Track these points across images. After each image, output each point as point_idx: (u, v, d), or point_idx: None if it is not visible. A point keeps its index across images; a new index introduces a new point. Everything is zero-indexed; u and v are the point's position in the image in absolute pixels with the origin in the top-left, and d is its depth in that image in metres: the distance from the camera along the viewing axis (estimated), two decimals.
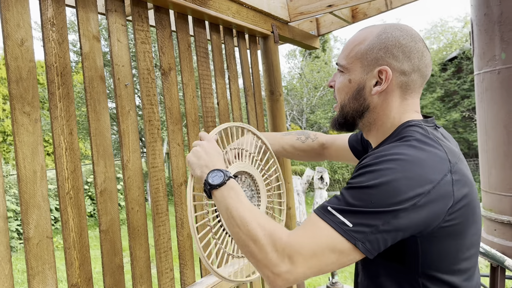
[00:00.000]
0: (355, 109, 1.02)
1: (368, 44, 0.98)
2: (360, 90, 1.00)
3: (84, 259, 1.34)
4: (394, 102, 0.98)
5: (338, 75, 1.05)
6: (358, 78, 1.00)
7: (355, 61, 1.00)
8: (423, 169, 0.83)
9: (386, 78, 0.96)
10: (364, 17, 2.87)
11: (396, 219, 0.80)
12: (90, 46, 1.42)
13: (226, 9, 2.05)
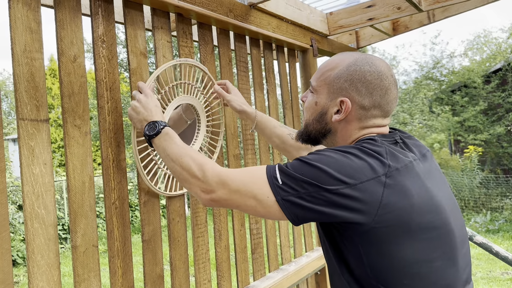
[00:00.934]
0: (317, 130, 1.09)
1: (337, 73, 1.03)
2: (323, 114, 1.06)
3: (127, 268, 1.38)
4: (353, 130, 1.04)
5: (309, 94, 1.11)
6: (323, 102, 1.06)
7: (323, 86, 1.06)
8: (355, 169, 0.89)
9: (345, 109, 1.02)
10: (406, 30, 2.82)
11: (317, 195, 0.88)
12: (137, 62, 1.48)
13: (267, 24, 2.08)
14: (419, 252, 0.90)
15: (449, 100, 11.90)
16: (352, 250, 0.92)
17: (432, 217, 0.92)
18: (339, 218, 0.89)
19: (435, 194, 0.94)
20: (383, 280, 0.90)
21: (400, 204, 0.88)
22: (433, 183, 0.97)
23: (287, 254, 2.27)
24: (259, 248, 2.04)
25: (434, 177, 1.00)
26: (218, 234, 1.79)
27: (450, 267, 0.94)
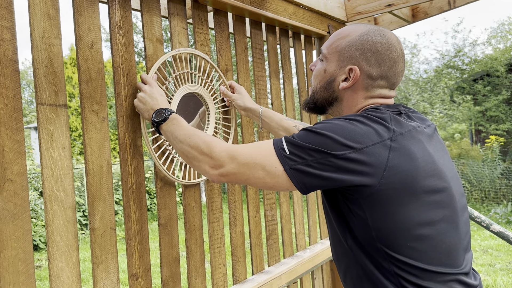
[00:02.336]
0: (324, 98, 1.10)
1: (349, 41, 1.05)
2: (331, 82, 1.08)
3: (143, 251, 1.41)
4: (359, 99, 1.06)
5: (319, 62, 1.12)
6: (332, 70, 1.07)
7: (334, 53, 1.07)
8: (361, 135, 0.91)
9: (353, 77, 1.03)
10: (425, 16, 2.76)
11: (325, 161, 0.90)
12: (153, 49, 1.49)
13: (283, 11, 2.06)
14: (422, 214, 0.92)
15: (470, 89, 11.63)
16: (358, 214, 0.94)
17: (435, 180, 0.94)
18: (346, 182, 0.90)
19: (437, 160, 0.97)
20: (387, 242, 0.92)
21: (405, 167, 0.91)
22: (435, 150, 1.00)
23: (302, 241, 2.27)
24: (274, 235, 2.06)
25: (436, 145, 1.02)
26: (233, 220, 1.81)
27: (452, 230, 0.96)
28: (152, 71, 1.43)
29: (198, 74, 1.61)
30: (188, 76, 1.57)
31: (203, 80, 1.63)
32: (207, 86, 1.65)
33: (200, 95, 1.62)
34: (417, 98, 12.44)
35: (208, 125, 1.65)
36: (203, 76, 1.64)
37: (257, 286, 1.80)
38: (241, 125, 1.89)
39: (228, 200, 1.80)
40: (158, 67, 1.47)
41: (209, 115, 1.66)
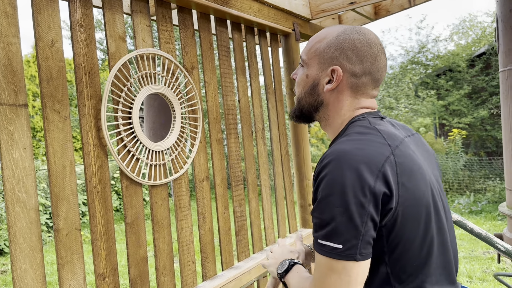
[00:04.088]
0: (310, 103, 1.07)
1: (327, 43, 1.03)
2: (315, 86, 1.05)
3: (110, 250, 1.40)
4: (345, 101, 1.04)
5: (300, 68, 1.10)
6: (314, 74, 1.05)
7: (314, 57, 1.05)
8: (364, 156, 0.88)
9: (337, 77, 1.02)
10: (387, 13, 2.84)
11: (365, 206, 0.85)
12: (116, 46, 1.48)
13: (248, 8, 2.08)
14: (421, 231, 0.93)
15: (434, 84, 12.02)
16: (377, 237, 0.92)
17: (427, 197, 0.94)
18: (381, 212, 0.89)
19: (429, 173, 0.97)
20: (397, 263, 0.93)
21: (409, 184, 0.90)
22: (424, 161, 1.00)
23: (271, 236, 2.31)
24: (243, 230, 2.08)
25: (423, 155, 1.03)
26: (202, 217, 1.82)
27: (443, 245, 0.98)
28: (111, 76, 1.40)
29: (162, 74, 1.60)
30: (152, 76, 1.57)
31: (167, 80, 1.63)
32: (171, 86, 1.65)
33: (165, 95, 1.62)
34: (383, 93, 12.74)
35: (174, 125, 1.65)
36: (167, 76, 1.64)
37: (227, 281, 1.82)
38: (208, 123, 1.90)
39: (196, 197, 1.81)
40: (120, 67, 1.45)
41: (174, 115, 1.66)
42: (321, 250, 0.88)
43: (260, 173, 2.29)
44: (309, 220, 2.62)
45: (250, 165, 2.19)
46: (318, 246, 0.89)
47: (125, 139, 1.47)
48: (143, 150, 1.53)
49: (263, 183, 2.29)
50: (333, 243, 0.86)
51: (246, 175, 2.19)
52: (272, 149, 2.43)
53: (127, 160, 1.48)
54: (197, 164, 1.81)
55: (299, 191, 2.66)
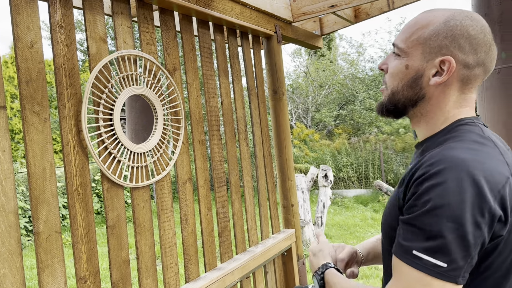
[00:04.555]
0: (408, 97, 0.95)
1: (433, 30, 0.91)
2: (417, 79, 0.93)
3: (91, 253, 1.39)
4: (451, 96, 0.92)
5: (393, 58, 0.98)
6: (416, 65, 0.93)
7: (416, 46, 0.93)
8: (485, 172, 0.78)
9: (448, 69, 0.89)
10: (367, 17, 2.89)
11: (481, 227, 0.77)
12: (97, 48, 1.47)
13: (230, 10, 2.09)
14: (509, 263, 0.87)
15: None
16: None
17: None
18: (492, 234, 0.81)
19: None
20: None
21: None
22: None
23: (254, 237, 2.32)
24: (226, 232, 2.08)
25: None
26: (184, 219, 1.82)
27: None
28: (95, 72, 1.41)
29: (144, 75, 1.60)
30: (133, 77, 1.56)
31: (149, 81, 1.63)
32: (153, 88, 1.65)
33: (146, 96, 1.61)
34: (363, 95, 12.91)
35: (156, 126, 1.65)
36: (149, 78, 1.63)
37: (210, 283, 1.82)
38: (191, 125, 1.90)
39: (179, 199, 1.81)
40: (100, 68, 1.45)
41: (156, 117, 1.65)
42: (415, 263, 0.79)
43: (243, 175, 2.30)
44: (292, 220, 2.64)
45: (233, 167, 2.20)
46: (412, 258, 0.80)
47: (106, 141, 1.46)
48: (124, 152, 1.52)
49: (246, 184, 2.30)
50: (436, 260, 0.77)
51: (229, 177, 2.19)
52: (255, 151, 2.45)
53: (108, 162, 1.47)
54: (180, 166, 1.81)
55: (282, 192, 2.67)
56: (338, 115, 13.94)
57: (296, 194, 2.72)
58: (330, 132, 14.05)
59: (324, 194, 6.44)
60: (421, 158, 0.87)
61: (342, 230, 7.21)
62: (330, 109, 13.88)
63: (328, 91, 14.61)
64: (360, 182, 10.31)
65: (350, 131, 13.45)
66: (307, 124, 14.66)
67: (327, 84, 14.40)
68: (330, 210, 8.81)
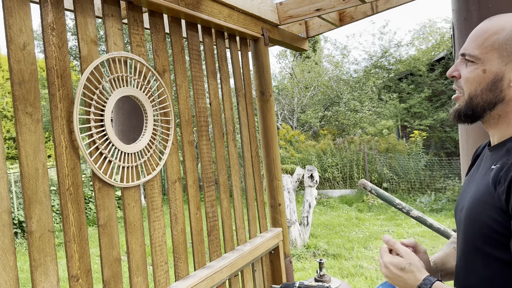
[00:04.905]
0: (487, 100, 0.98)
1: (508, 34, 0.95)
2: (496, 82, 0.97)
3: (83, 252, 1.41)
4: None
5: (464, 65, 1.01)
6: (495, 68, 0.96)
7: (492, 51, 0.96)
8: None
9: None
10: (351, 20, 2.96)
11: None
12: (88, 50, 1.49)
13: (218, 13, 2.13)
14: None
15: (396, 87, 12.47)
16: None
17: None
18: None
19: None
20: None
21: None
22: None
23: (242, 236, 2.36)
24: (215, 231, 2.12)
25: None
26: (174, 218, 1.85)
27: None
28: (86, 73, 1.43)
29: (134, 77, 1.63)
30: (124, 78, 1.59)
31: (139, 82, 1.65)
32: (143, 89, 1.67)
33: (137, 97, 1.64)
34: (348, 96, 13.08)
35: (146, 127, 1.67)
36: (139, 79, 1.66)
37: (199, 281, 1.86)
38: (180, 126, 1.93)
39: (168, 198, 1.84)
40: (92, 70, 1.47)
41: (146, 117, 1.68)
42: None
43: (231, 175, 2.34)
44: (279, 219, 2.69)
45: (221, 167, 2.24)
46: None
47: (98, 141, 1.48)
48: (115, 153, 1.55)
49: (234, 184, 2.34)
50: None
51: (217, 177, 2.23)
52: (243, 151, 2.49)
53: (100, 162, 1.49)
54: (170, 166, 1.84)
55: (269, 191, 2.72)
56: (323, 116, 14.10)
57: (283, 193, 2.77)
58: (316, 133, 14.18)
59: (310, 194, 6.52)
60: (511, 157, 0.91)
61: (328, 229, 7.30)
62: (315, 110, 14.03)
63: (313, 93, 14.76)
64: (345, 182, 10.44)
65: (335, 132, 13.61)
66: (292, 125, 14.78)
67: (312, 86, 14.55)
68: (316, 210, 8.91)
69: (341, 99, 13.41)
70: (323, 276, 2.55)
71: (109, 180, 1.51)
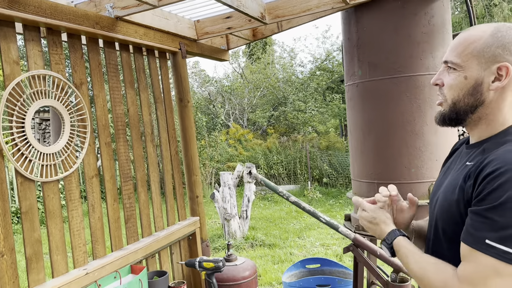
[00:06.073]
0: (469, 104, 1.06)
1: (484, 42, 1.03)
2: (477, 86, 1.04)
3: (7, 234, 1.74)
4: (508, 98, 1.04)
5: (447, 73, 1.10)
6: (475, 74, 1.04)
7: (471, 59, 1.04)
8: None
9: (506, 74, 1.01)
10: (262, 36, 3.41)
11: None
12: (11, 69, 1.82)
13: (134, 32, 2.49)
14: None
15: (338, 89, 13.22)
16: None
17: None
18: None
19: None
20: None
21: None
22: None
23: (160, 223, 2.74)
24: (132, 219, 2.49)
25: None
26: (91, 208, 2.20)
27: None
28: (8, 89, 1.76)
29: (52, 90, 1.97)
30: (42, 92, 1.92)
31: (57, 94, 2.00)
32: (61, 100, 2.01)
33: (55, 107, 1.98)
34: (293, 97, 13.70)
35: (63, 132, 2.02)
36: (57, 91, 2.00)
37: (115, 259, 2.22)
38: (97, 129, 2.28)
39: (86, 191, 2.19)
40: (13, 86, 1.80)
41: (64, 124, 2.02)
42: (488, 251, 0.90)
43: (150, 171, 2.71)
44: (197, 209, 3.09)
45: (139, 164, 2.60)
46: (485, 246, 0.90)
47: (19, 144, 1.81)
48: (35, 153, 1.88)
49: (153, 179, 2.71)
50: (508, 248, 0.87)
51: (135, 173, 2.59)
52: (162, 150, 2.86)
53: (21, 161, 1.82)
54: (87, 164, 2.19)
55: (188, 185, 3.11)
56: (271, 115, 14.65)
57: (201, 187, 3.17)
58: (265, 132, 14.72)
59: (249, 189, 6.97)
60: (485, 156, 0.99)
61: (268, 222, 7.79)
62: (264, 110, 14.55)
63: (262, 93, 15.28)
64: (290, 178, 11.02)
65: (283, 130, 14.19)
66: (243, 124, 15.24)
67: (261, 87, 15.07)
68: (260, 204, 9.39)
69: (288, 99, 14.03)
70: (230, 256, 3.00)
71: (30, 175, 1.84)
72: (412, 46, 2.59)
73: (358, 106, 2.88)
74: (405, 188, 2.60)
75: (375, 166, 2.77)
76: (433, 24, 2.62)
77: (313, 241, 6.42)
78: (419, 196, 2.61)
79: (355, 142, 2.95)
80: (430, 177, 2.61)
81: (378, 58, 2.69)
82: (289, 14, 2.79)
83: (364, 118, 2.83)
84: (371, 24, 2.72)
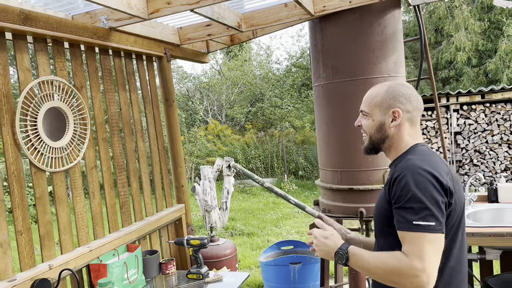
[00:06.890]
0: (379, 138, 1.52)
1: (382, 96, 1.50)
2: (381, 126, 1.50)
3: (24, 216, 2.07)
4: (405, 130, 1.50)
5: (363, 118, 1.56)
6: (378, 118, 1.51)
7: (375, 108, 1.51)
8: (435, 166, 1.35)
9: (398, 115, 1.48)
10: (239, 41, 3.77)
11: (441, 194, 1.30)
12: (24, 76, 2.13)
13: (125, 41, 2.82)
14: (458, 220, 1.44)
15: None
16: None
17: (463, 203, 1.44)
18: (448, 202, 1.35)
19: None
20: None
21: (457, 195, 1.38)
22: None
23: (150, 210, 3.08)
24: (126, 205, 2.83)
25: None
26: (92, 195, 2.54)
27: None
28: (24, 93, 2.08)
29: (58, 93, 2.29)
30: (51, 95, 2.25)
31: (62, 97, 2.32)
32: (65, 101, 2.34)
33: (61, 108, 2.30)
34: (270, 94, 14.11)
35: (68, 129, 2.34)
36: (62, 94, 2.32)
37: (112, 239, 2.57)
38: (96, 127, 2.61)
39: (87, 180, 2.52)
40: (28, 90, 2.12)
41: (68, 122, 2.34)
42: (417, 229, 1.26)
43: (140, 163, 3.05)
44: (182, 197, 3.44)
45: (131, 157, 2.94)
46: (414, 226, 1.26)
47: (33, 139, 2.13)
48: (46, 147, 2.21)
49: (143, 170, 3.05)
50: (429, 222, 1.25)
51: (128, 165, 2.93)
52: (150, 145, 3.20)
53: (34, 154, 2.14)
54: (87, 157, 2.52)
55: (174, 176, 3.46)
56: (249, 111, 15.03)
57: (185, 177, 3.53)
58: (243, 127, 15.10)
59: (228, 182, 7.34)
60: (395, 169, 1.41)
61: (246, 213, 8.19)
62: (242, 106, 14.91)
63: (240, 90, 15.63)
64: (267, 172, 11.45)
65: (261, 126, 14.59)
66: (221, 120, 15.56)
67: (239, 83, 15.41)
68: (239, 197, 9.78)
69: (265, 95, 14.43)
70: (213, 237, 3.37)
71: (42, 166, 2.17)
72: (368, 53, 3.01)
73: (323, 104, 3.29)
74: (363, 175, 3.03)
75: (339, 156, 3.18)
76: (386, 33, 3.04)
77: (289, 229, 6.85)
78: (375, 181, 3.05)
79: (321, 135, 3.35)
80: (383, 165, 3.04)
81: (339, 62, 3.10)
82: (263, 24, 3.17)
83: (328, 114, 3.24)
84: (333, 33, 3.12)
